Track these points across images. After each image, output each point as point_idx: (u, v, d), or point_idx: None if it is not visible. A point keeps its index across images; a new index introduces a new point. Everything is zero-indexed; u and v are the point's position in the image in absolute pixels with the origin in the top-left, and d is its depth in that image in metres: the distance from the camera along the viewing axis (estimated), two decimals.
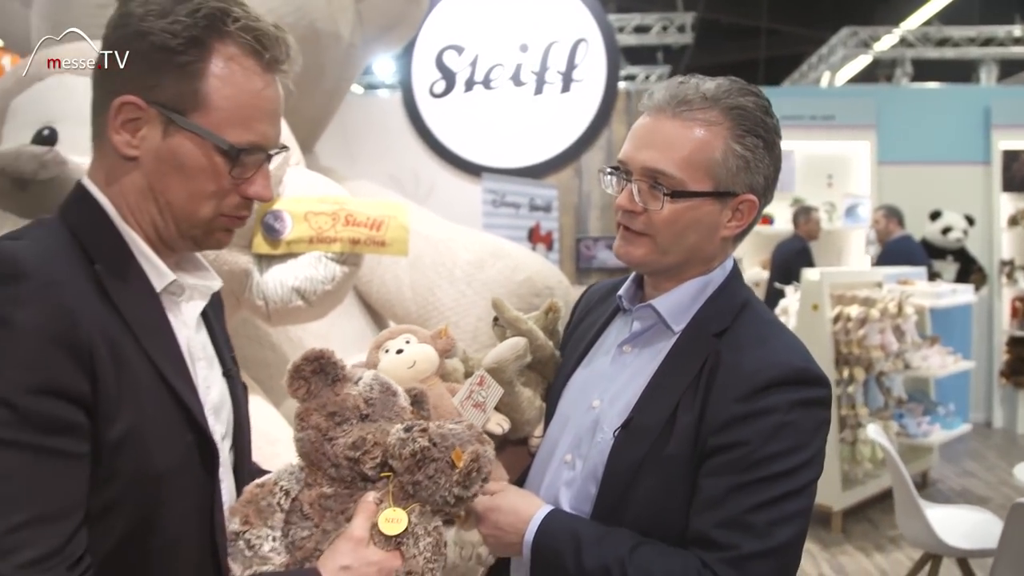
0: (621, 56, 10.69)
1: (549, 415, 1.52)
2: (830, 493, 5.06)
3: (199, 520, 1.14)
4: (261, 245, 2.60)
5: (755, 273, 7.88)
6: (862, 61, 10.89)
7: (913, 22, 10.47)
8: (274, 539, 1.18)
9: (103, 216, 1.15)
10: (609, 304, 1.53)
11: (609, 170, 1.39)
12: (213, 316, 1.30)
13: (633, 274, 1.49)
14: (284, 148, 1.24)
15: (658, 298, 1.41)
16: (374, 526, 1.17)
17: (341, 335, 3.60)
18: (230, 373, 1.30)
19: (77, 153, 2.00)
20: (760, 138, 1.34)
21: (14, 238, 1.09)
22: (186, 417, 1.12)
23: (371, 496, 1.19)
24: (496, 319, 1.56)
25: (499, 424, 1.45)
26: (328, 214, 2.66)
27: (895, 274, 5.69)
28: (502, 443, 1.50)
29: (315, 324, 2.95)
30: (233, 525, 1.18)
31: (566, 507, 1.39)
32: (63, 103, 2.37)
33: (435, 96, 6.91)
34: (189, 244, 1.21)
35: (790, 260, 6.45)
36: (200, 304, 1.25)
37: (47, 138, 2.37)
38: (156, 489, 1.08)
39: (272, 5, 3.51)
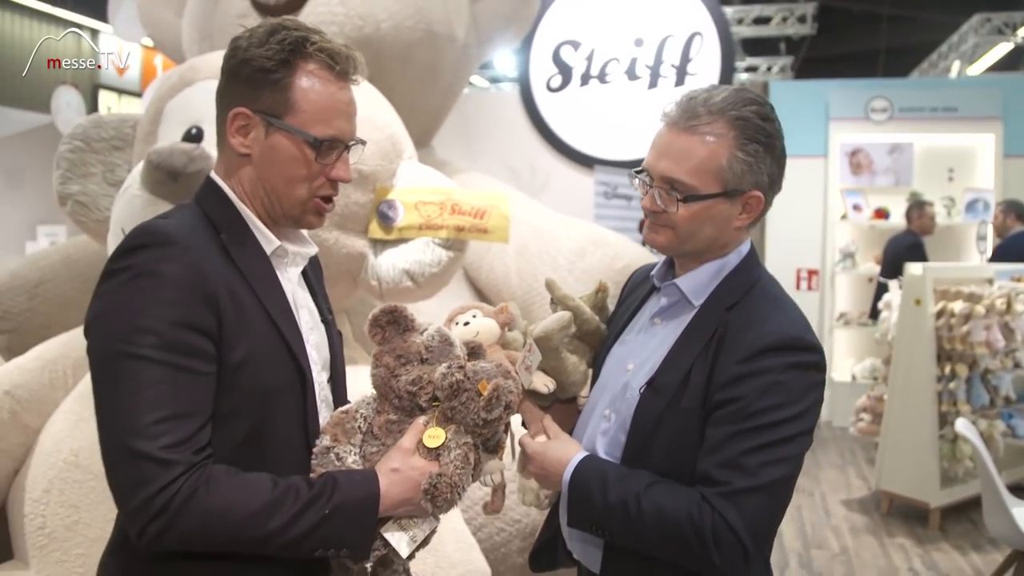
0: (739, 48, 10.64)
1: (594, 379, 1.76)
2: (927, 490, 5.05)
3: (297, 428, 1.46)
4: (376, 231, 2.90)
5: (868, 268, 7.79)
6: (1002, 49, 10.47)
7: None
8: (355, 454, 1.49)
9: (226, 199, 1.48)
10: (648, 284, 1.76)
11: (636, 174, 1.62)
12: (313, 276, 1.64)
13: (665, 256, 1.71)
14: (361, 142, 1.54)
15: (681, 277, 1.63)
16: (420, 442, 1.47)
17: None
18: (327, 320, 1.63)
19: None
20: (760, 143, 1.53)
21: (164, 217, 1.45)
22: (288, 349, 1.44)
23: (421, 419, 1.49)
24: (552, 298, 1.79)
25: (545, 384, 1.68)
26: (436, 203, 2.93)
27: (1010, 271, 5.55)
28: (553, 401, 1.74)
29: (426, 305, 3.21)
30: (324, 441, 1.48)
31: (601, 453, 1.63)
32: (208, 106, 2.68)
33: (552, 90, 7.15)
34: (290, 223, 1.52)
35: (901, 255, 6.38)
36: (301, 265, 1.58)
37: (195, 136, 2.72)
38: (267, 401, 1.41)
39: (393, 9, 3.79)
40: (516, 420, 1.76)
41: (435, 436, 1.47)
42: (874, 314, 6.76)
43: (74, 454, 2.69)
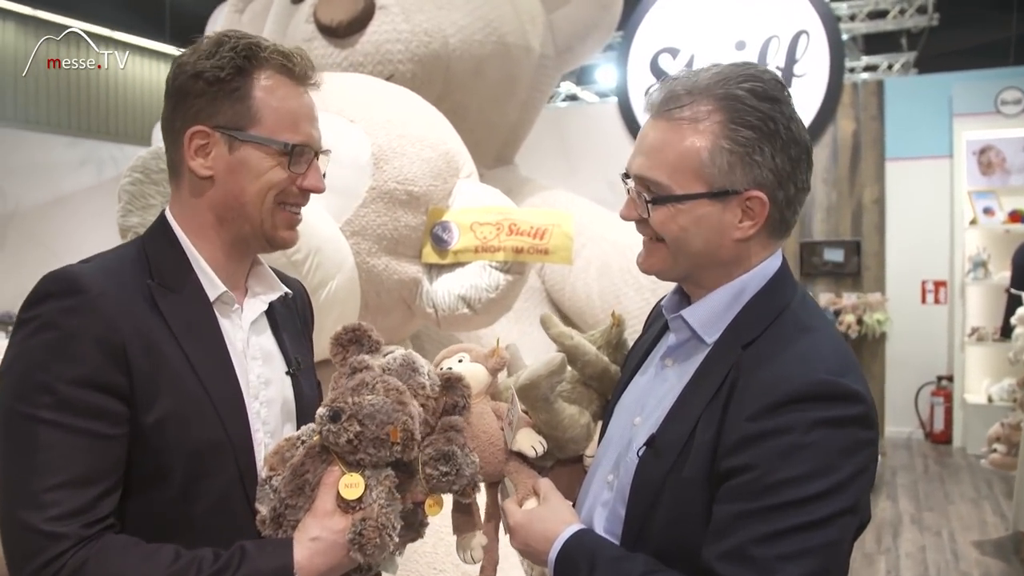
0: (858, 46, 10.10)
1: (603, 432, 1.47)
2: None
3: (237, 492, 1.32)
4: (430, 255, 2.75)
5: (1003, 277, 7.23)
6: None
7: None
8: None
9: (173, 239, 1.37)
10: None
11: (624, 179, 1.35)
12: (283, 321, 1.48)
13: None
14: (327, 151, 1.43)
15: (689, 308, 1.33)
16: (338, 495, 1.26)
17: (531, 343, 3.67)
18: (293, 372, 1.45)
19: None
20: (754, 128, 1.23)
21: (85, 262, 1.33)
22: (213, 408, 1.29)
23: (333, 470, 1.29)
24: None
25: (532, 446, 1.44)
26: (493, 224, 2.75)
27: None
28: (554, 463, 1.48)
29: (507, 332, 3.02)
30: (263, 473, 1.33)
31: (600, 529, 1.34)
32: None
33: None
34: (263, 243, 1.40)
35: None
36: (259, 311, 1.43)
37: None
38: (199, 460, 1.28)
39: (463, 23, 3.68)
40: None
41: (353, 485, 1.26)
42: (1006, 331, 6.23)
43: None
